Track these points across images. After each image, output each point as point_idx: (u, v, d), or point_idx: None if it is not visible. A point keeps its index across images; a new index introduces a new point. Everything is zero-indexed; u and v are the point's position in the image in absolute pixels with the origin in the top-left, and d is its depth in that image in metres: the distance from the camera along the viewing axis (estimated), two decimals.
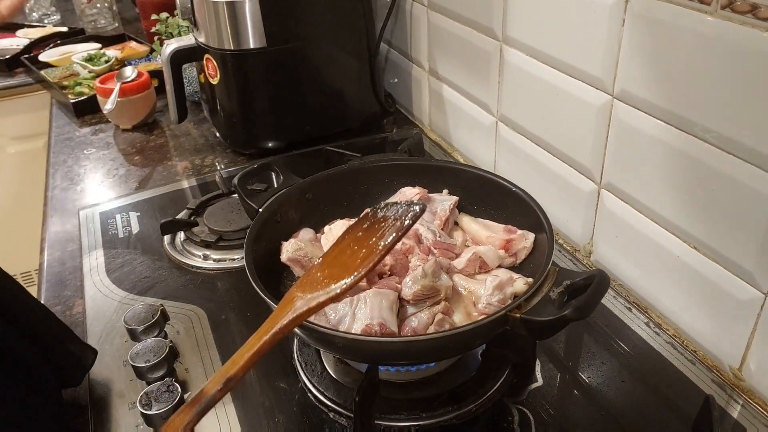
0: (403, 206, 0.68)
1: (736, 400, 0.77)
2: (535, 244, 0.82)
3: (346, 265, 0.63)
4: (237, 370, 0.56)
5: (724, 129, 0.70)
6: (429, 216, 0.88)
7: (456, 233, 0.89)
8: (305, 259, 0.81)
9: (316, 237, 0.88)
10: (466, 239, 0.88)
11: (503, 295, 0.73)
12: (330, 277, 0.62)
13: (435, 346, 0.67)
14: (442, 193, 0.92)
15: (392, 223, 0.65)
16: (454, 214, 0.90)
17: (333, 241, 0.84)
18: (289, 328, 0.59)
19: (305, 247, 0.82)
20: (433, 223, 0.86)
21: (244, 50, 1.24)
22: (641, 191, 0.85)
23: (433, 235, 0.82)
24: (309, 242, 0.85)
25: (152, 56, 1.86)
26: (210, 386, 0.55)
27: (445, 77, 1.31)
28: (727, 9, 0.65)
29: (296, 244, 0.82)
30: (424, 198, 0.90)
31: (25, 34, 2.16)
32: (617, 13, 0.80)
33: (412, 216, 0.66)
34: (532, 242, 0.81)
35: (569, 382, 0.81)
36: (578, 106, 0.91)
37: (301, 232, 0.87)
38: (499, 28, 1.05)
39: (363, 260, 0.62)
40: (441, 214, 0.87)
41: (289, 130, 1.36)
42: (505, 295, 0.73)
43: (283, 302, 0.62)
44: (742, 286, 0.74)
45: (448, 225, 0.88)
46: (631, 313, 0.90)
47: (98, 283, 0.99)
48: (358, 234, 0.67)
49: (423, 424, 0.73)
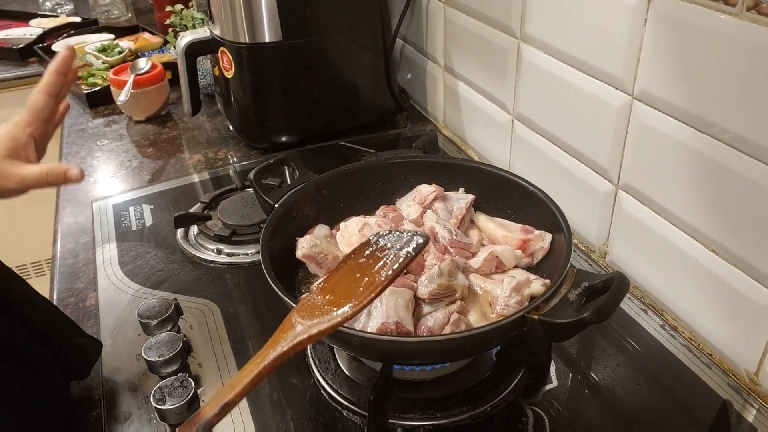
0: (406, 236, 0.66)
1: (752, 404, 0.76)
2: (551, 244, 0.82)
3: (348, 292, 0.61)
4: (234, 396, 0.55)
5: (745, 131, 0.69)
6: (445, 214, 0.87)
7: (472, 232, 0.88)
8: (320, 256, 0.81)
9: (331, 233, 0.88)
10: (482, 238, 0.87)
11: (521, 297, 0.73)
12: (331, 304, 0.60)
13: (452, 347, 0.67)
14: (459, 191, 0.92)
15: (395, 253, 0.64)
16: (471, 212, 0.89)
17: (348, 238, 0.84)
18: (288, 354, 0.57)
19: (321, 243, 0.82)
20: (449, 222, 0.85)
21: (259, 44, 1.23)
22: (659, 193, 0.84)
23: (449, 234, 0.82)
24: (324, 239, 0.85)
25: (166, 48, 1.85)
26: (207, 410, 0.54)
27: (460, 74, 1.30)
28: (753, 11, 0.65)
29: (312, 240, 0.82)
30: (440, 195, 0.89)
31: (38, 24, 2.16)
32: (640, 12, 0.79)
33: (415, 248, 0.64)
34: (549, 243, 0.81)
35: (584, 383, 0.81)
36: (597, 106, 0.90)
37: (317, 229, 0.87)
38: (517, 25, 1.04)
39: (365, 289, 0.61)
40: (457, 212, 0.87)
41: (303, 124, 1.35)
42: (522, 297, 0.73)
43: (283, 327, 0.60)
44: (760, 290, 0.73)
45: (464, 223, 0.88)
46: (647, 315, 0.90)
47: (111, 275, 0.99)
48: (360, 260, 0.65)
49: (437, 424, 0.73)
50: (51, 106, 0.75)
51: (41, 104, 0.74)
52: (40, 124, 0.74)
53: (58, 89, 0.75)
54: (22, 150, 0.71)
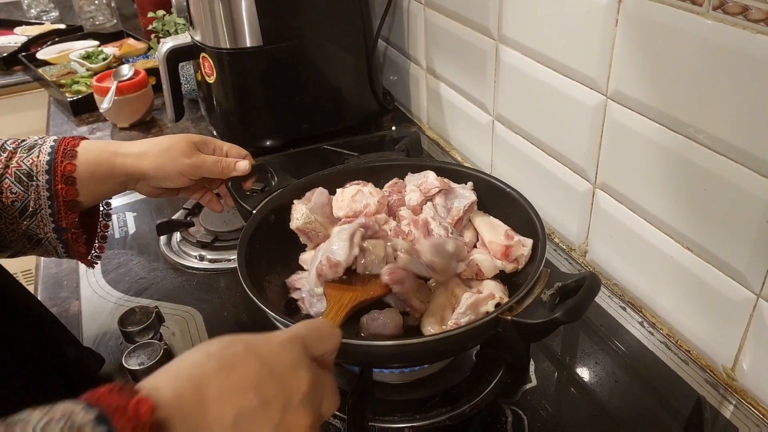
0: None
1: (729, 400, 0.77)
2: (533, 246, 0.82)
3: None
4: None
5: (716, 130, 0.70)
6: (444, 211, 0.87)
7: (469, 231, 0.87)
8: (312, 232, 0.84)
9: (329, 200, 0.89)
10: (475, 240, 0.86)
11: (475, 316, 0.72)
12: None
13: (427, 349, 0.67)
14: (466, 185, 0.90)
15: None
16: (469, 213, 0.88)
17: (341, 201, 0.88)
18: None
19: (314, 221, 0.84)
20: (446, 220, 0.85)
21: (240, 48, 1.24)
22: (635, 191, 0.85)
23: (445, 231, 0.82)
24: (320, 208, 0.86)
25: (150, 54, 1.85)
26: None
27: (442, 75, 1.31)
28: (719, 10, 0.65)
29: (308, 215, 0.83)
30: (445, 189, 0.88)
31: (23, 32, 2.15)
32: (611, 13, 0.79)
33: None
34: (530, 249, 0.79)
35: (563, 382, 0.81)
36: (573, 106, 0.91)
37: (316, 193, 0.88)
38: (494, 26, 1.05)
39: None
40: (455, 213, 0.86)
41: (287, 128, 1.36)
42: (477, 315, 0.72)
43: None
44: (734, 287, 0.74)
45: (461, 223, 0.87)
46: (626, 313, 0.90)
47: (94, 284, 0.99)
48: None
49: (417, 426, 0.74)
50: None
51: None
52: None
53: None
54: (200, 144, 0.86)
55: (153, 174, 0.80)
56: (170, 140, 0.83)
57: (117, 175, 0.79)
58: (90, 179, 0.77)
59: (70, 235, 0.78)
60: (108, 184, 0.79)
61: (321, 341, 0.51)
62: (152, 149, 0.81)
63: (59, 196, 0.75)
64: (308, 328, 0.52)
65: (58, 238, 0.77)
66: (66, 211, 0.76)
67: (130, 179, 0.81)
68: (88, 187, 0.77)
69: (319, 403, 0.48)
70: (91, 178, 0.77)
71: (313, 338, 0.51)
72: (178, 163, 0.81)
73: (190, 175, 0.83)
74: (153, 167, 0.80)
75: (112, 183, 0.80)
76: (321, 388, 0.48)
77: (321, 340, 0.51)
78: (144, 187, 0.83)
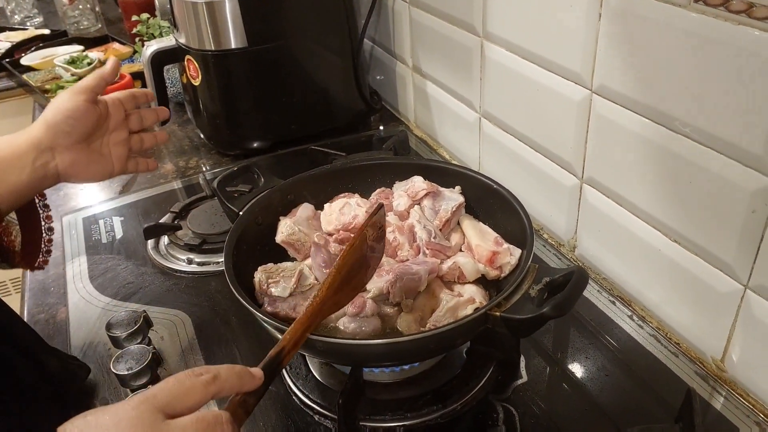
0: None
1: (719, 391, 0.77)
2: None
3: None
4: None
5: (700, 122, 0.70)
6: (431, 214, 0.86)
7: (456, 234, 0.87)
8: (298, 243, 0.84)
9: (315, 214, 0.89)
10: (462, 243, 0.86)
11: (453, 319, 0.72)
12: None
13: (416, 347, 0.67)
14: (454, 189, 0.90)
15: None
16: (458, 215, 0.88)
17: (329, 216, 0.88)
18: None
19: (298, 232, 0.84)
20: (432, 223, 0.85)
21: (225, 50, 1.23)
22: (622, 185, 0.85)
23: (428, 235, 0.81)
24: (306, 221, 0.86)
25: (135, 57, 1.84)
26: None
27: (428, 74, 1.30)
28: (700, 2, 0.65)
29: (291, 227, 0.83)
30: (433, 192, 0.88)
31: (7, 38, 2.14)
32: (594, 7, 0.79)
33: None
34: (517, 258, 0.79)
35: (554, 377, 0.81)
36: (558, 102, 0.91)
37: (300, 209, 0.88)
38: (479, 23, 1.05)
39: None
40: (443, 214, 0.86)
41: (274, 129, 1.35)
42: (456, 318, 0.72)
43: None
44: (722, 279, 0.74)
45: (449, 226, 0.86)
46: (615, 307, 0.90)
47: (81, 289, 0.98)
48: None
49: (408, 424, 0.73)
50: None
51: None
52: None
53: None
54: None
55: (51, 118, 0.78)
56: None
57: (23, 154, 0.76)
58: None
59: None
60: (18, 168, 0.76)
61: (177, 399, 0.49)
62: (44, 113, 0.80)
63: None
64: (160, 389, 0.50)
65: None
66: None
67: (39, 152, 0.77)
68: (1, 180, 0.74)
69: None
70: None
71: (168, 396, 0.49)
72: (63, 95, 0.79)
73: (78, 94, 0.79)
74: (47, 115, 0.78)
75: (23, 166, 0.76)
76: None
77: (177, 398, 0.49)
78: (64, 157, 0.79)
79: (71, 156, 0.80)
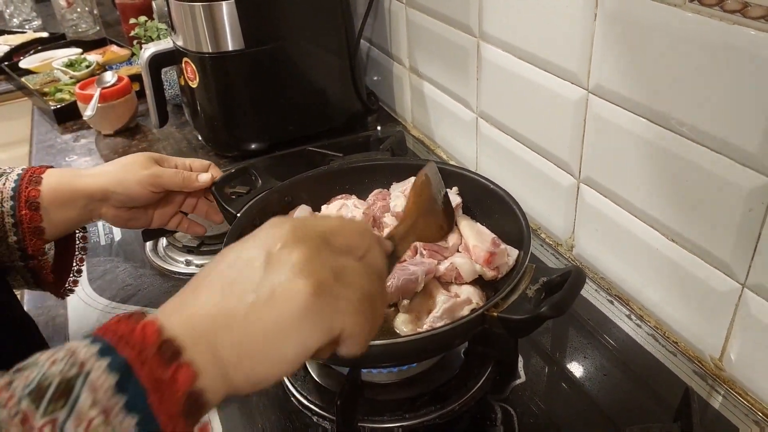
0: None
1: (718, 390, 0.77)
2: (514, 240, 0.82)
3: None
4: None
5: (697, 121, 0.70)
6: None
7: (453, 235, 0.86)
8: None
9: (312, 215, 0.88)
10: (459, 243, 0.86)
11: (450, 320, 0.72)
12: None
13: (414, 348, 0.67)
14: (451, 189, 0.90)
15: None
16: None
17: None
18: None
19: None
20: None
21: (222, 52, 1.23)
22: (619, 184, 0.85)
23: None
24: None
25: (133, 60, 1.84)
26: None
27: (425, 74, 1.31)
28: (695, 2, 0.65)
29: None
30: None
31: (5, 41, 2.14)
32: (589, 7, 0.79)
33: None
34: (514, 259, 0.79)
35: (552, 376, 0.81)
36: (555, 101, 0.91)
37: (298, 211, 0.88)
38: (475, 24, 1.05)
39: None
40: None
41: (272, 131, 1.35)
42: (453, 319, 0.72)
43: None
44: (720, 277, 0.74)
45: None
46: (613, 306, 0.90)
47: (80, 292, 0.98)
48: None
49: (406, 425, 0.73)
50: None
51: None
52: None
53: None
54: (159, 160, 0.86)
55: (112, 188, 0.80)
56: (129, 157, 0.84)
57: (78, 198, 0.79)
58: (53, 203, 0.77)
59: (37, 262, 0.78)
60: (71, 208, 0.79)
61: (341, 236, 0.48)
62: (111, 166, 0.83)
63: (23, 222, 0.76)
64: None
65: (25, 266, 0.77)
66: (31, 237, 0.76)
67: (91, 201, 0.80)
68: (53, 212, 0.78)
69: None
70: (54, 202, 0.78)
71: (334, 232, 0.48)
72: (137, 174, 0.81)
73: (149, 185, 0.82)
74: (112, 182, 0.80)
75: (75, 207, 0.80)
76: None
77: (341, 235, 0.48)
78: (109, 210, 0.83)
79: (116, 212, 0.84)
